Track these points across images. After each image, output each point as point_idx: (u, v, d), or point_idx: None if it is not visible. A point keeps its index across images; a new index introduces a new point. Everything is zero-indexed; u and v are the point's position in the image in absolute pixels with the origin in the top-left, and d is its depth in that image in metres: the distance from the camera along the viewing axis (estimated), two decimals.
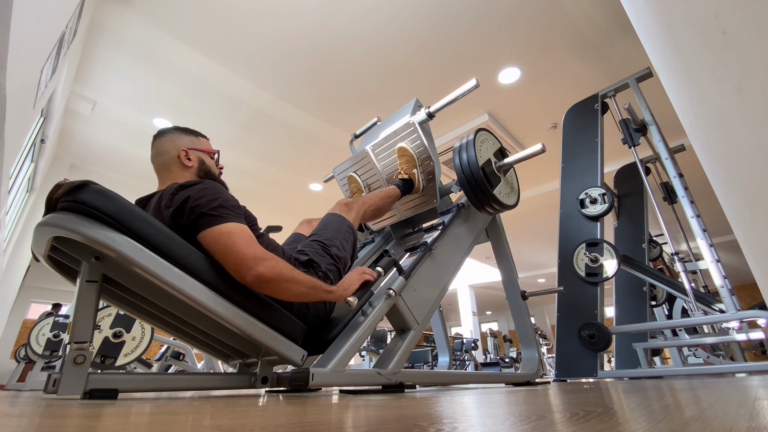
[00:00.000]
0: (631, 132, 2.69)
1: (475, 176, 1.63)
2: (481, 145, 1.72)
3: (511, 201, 1.80)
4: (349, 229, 1.39)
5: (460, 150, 1.69)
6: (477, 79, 1.59)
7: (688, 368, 2.25)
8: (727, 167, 0.77)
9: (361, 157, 1.94)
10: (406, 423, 0.43)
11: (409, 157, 1.76)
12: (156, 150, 1.16)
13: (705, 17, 0.56)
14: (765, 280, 0.98)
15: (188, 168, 1.15)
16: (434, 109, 1.74)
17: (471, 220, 1.86)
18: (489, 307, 13.76)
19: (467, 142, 1.68)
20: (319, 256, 1.23)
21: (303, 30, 2.97)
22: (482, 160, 1.68)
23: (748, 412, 0.50)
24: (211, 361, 3.92)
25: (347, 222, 1.40)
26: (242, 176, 5.00)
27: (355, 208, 1.47)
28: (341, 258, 1.28)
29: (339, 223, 1.39)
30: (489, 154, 1.75)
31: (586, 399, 0.77)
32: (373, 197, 1.56)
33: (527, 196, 5.70)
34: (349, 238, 1.37)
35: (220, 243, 0.93)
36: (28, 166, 3.73)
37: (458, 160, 1.68)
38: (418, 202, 1.86)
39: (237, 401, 0.80)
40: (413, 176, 1.75)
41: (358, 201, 1.51)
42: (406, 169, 1.75)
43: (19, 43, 1.40)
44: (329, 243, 1.28)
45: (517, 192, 1.90)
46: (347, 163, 2.00)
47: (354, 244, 1.39)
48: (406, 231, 2.06)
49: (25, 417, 0.54)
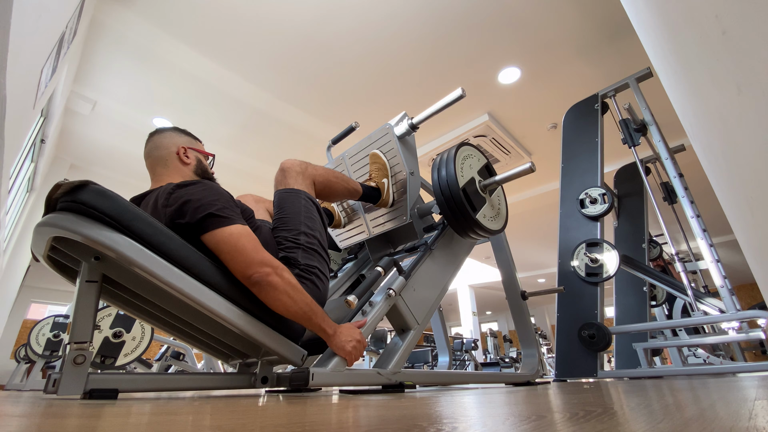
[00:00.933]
0: (631, 132, 2.69)
1: (455, 198, 1.44)
2: (464, 162, 1.54)
3: (496, 226, 1.60)
4: (307, 199, 1.24)
5: (438, 166, 1.49)
6: (462, 89, 1.44)
7: (688, 368, 2.25)
8: (727, 167, 0.77)
9: (337, 164, 1.85)
10: (406, 423, 0.43)
11: (381, 164, 1.61)
12: (154, 144, 1.15)
13: (705, 17, 0.56)
14: (765, 280, 0.98)
15: (186, 165, 1.15)
16: (417, 120, 1.59)
17: (457, 240, 1.68)
18: (489, 307, 13.76)
19: (447, 158, 1.50)
20: (293, 250, 1.13)
21: (303, 30, 2.97)
22: (464, 180, 1.49)
23: (748, 412, 0.50)
24: (211, 361, 3.92)
25: (301, 193, 1.25)
26: (242, 176, 4.99)
27: (300, 172, 1.29)
28: (314, 236, 1.18)
29: (294, 200, 1.23)
30: (473, 172, 1.57)
31: (586, 399, 0.77)
32: (327, 171, 1.39)
33: (527, 196, 5.70)
34: (311, 209, 1.23)
35: (230, 243, 0.94)
36: (28, 166, 3.73)
37: (437, 177, 1.48)
38: (388, 218, 1.65)
39: (237, 401, 0.80)
40: (382, 186, 1.59)
41: (303, 164, 1.32)
42: (375, 177, 1.61)
43: (19, 43, 1.40)
44: (295, 229, 1.16)
45: (505, 215, 1.71)
46: None
47: (319, 212, 1.26)
48: (385, 251, 1.83)
49: (25, 417, 0.54)
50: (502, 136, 4.25)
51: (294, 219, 1.18)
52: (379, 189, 1.60)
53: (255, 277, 0.93)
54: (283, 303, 0.95)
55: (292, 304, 0.96)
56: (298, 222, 1.18)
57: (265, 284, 0.93)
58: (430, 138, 4.41)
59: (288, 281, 0.97)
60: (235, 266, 0.94)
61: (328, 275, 1.21)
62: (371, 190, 1.58)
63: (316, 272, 1.14)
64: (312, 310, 1.00)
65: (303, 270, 1.11)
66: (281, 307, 0.96)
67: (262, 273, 0.93)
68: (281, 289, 0.95)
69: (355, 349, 1.07)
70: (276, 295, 0.95)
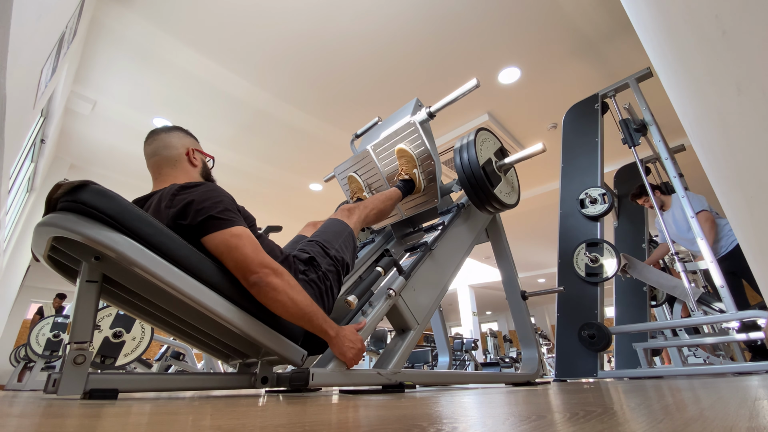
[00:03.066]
0: (631, 132, 2.69)
1: (476, 176, 1.64)
2: (482, 145, 1.73)
3: (511, 200, 1.80)
4: (350, 235, 1.39)
5: (460, 150, 1.69)
6: (477, 79, 1.60)
7: (688, 368, 2.25)
8: (727, 167, 0.77)
9: (362, 156, 1.94)
10: (406, 423, 0.43)
11: (409, 157, 1.76)
12: (162, 143, 1.13)
13: (705, 17, 0.56)
14: (765, 280, 0.98)
15: (195, 167, 1.16)
16: (435, 108, 1.74)
17: (471, 219, 1.86)
18: (489, 307, 13.76)
19: (468, 142, 1.69)
20: (320, 256, 1.23)
21: (303, 29, 2.97)
22: (483, 159, 1.68)
23: (748, 412, 0.50)
24: (211, 361, 3.92)
25: (348, 228, 1.40)
26: (242, 176, 5.00)
27: (356, 213, 1.47)
28: (340, 260, 1.27)
29: (340, 228, 1.38)
30: (489, 153, 1.75)
31: (586, 399, 0.77)
32: (375, 201, 1.56)
33: (527, 196, 5.70)
34: (349, 243, 1.36)
35: (230, 245, 0.94)
36: (28, 166, 3.73)
37: (459, 159, 1.68)
38: (419, 201, 1.87)
39: (237, 401, 0.80)
40: (414, 176, 1.75)
41: (360, 206, 1.50)
42: (406, 170, 1.76)
43: (19, 43, 1.40)
44: (329, 245, 1.28)
45: (518, 191, 1.90)
46: (348, 162, 2.00)
47: (354, 251, 1.38)
48: (406, 230, 2.07)
49: (25, 417, 0.54)
50: (502, 136, 4.25)
51: (332, 238, 1.32)
52: (411, 180, 1.75)
53: (254, 278, 0.93)
54: (282, 304, 0.95)
55: (291, 305, 0.96)
56: (335, 241, 1.31)
57: (264, 285, 0.93)
58: None
59: (287, 282, 0.97)
60: (235, 268, 0.94)
61: (336, 297, 1.26)
62: (406, 184, 1.74)
63: (329, 285, 1.19)
64: (313, 312, 0.99)
65: (320, 277, 1.16)
66: (281, 309, 0.96)
67: (261, 274, 0.93)
68: (280, 290, 0.95)
69: (356, 356, 1.08)
70: (275, 296, 0.94)
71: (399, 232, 2.09)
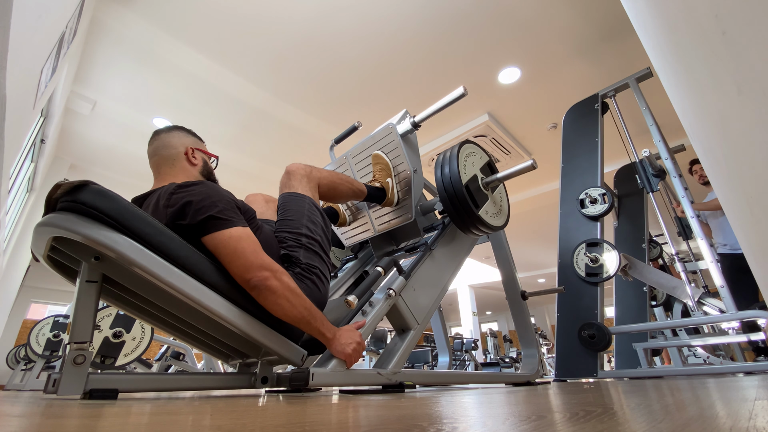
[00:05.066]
0: (649, 177, 2.59)
1: (458, 195, 1.47)
2: (466, 160, 1.56)
3: (498, 222, 1.63)
4: (311, 204, 1.27)
5: (442, 164, 1.52)
6: (464, 87, 1.47)
7: (688, 368, 2.25)
8: (727, 167, 0.77)
9: (339, 163, 1.87)
10: (406, 423, 0.43)
11: (384, 164, 1.64)
12: (161, 143, 1.14)
13: (705, 17, 0.56)
14: (765, 280, 0.98)
15: (194, 166, 1.15)
16: (419, 118, 1.61)
17: (457, 240, 1.70)
18: (489, 307, 13.76)
19: (450, 156, 1.52)
20: (294, 249, 1.15)
21: (303, 29, 2.97)
22: (467, 177, 1.51)
23: (748, 412, 0.50)
24: (211, 361, 3.92)
25: (306, 198, 1.27)
26: (242, 176, 4.99)
27: (304, 175, 1.31)
28: (315, 239, 1.19)
29: (298, 203, 1.25)
30: (475, 169, 1.59)
31: (586, 399, 0.77)
32: (332, 174, 1.43)
33: (527, 196, 5.70)
34: (314, 214, 1.25)
35: (229, 246, 0.93)
36: (28, 166, 3.73)
37: (440, 174, 1.50)
38: (393, 216, 1.69)
39: (237, 401, 0.80)
40: (387, 186, 1.62)
41: (308, 168, 1.35)
42: (379, 178, 1.64)
43: (19, 43, 1.40)
44: (296, 231, 1.18)
45: (506, 212, 1.73)
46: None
47: (323, 217, 1.29)
48: (388, 248, 1.87)
49: (25, 417, 0.54)
50: (502, 136, 4.25)
51: (296, 220, 1.20)
52: (383, 189, 1.63)
53: (254, 281, 0.93)
54: (281, 307, 0.95)
55: (290, 309, 0.96)
56: (300, 224, 1.20)
57: (264, 288, 0.93)
58: (430, 138, 4.42)
59: (287, 285, 0.96)
60: (235, 269, 0.94)
61: (329, 277, 1.22)
62: (376, 191, 1.60)
63: (317, 272, 1.14)
64: (311, 315, 0.99)
65: (304, 269, 1.12)
66: (280, 312, 0.96)
67: (260, 277, 0.93)
68: (280, 294, 0.94)
69: (355, 351, 1.07)
70: (275, 300, 0.94)
71: (379, 251, 1.87)
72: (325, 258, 1.21)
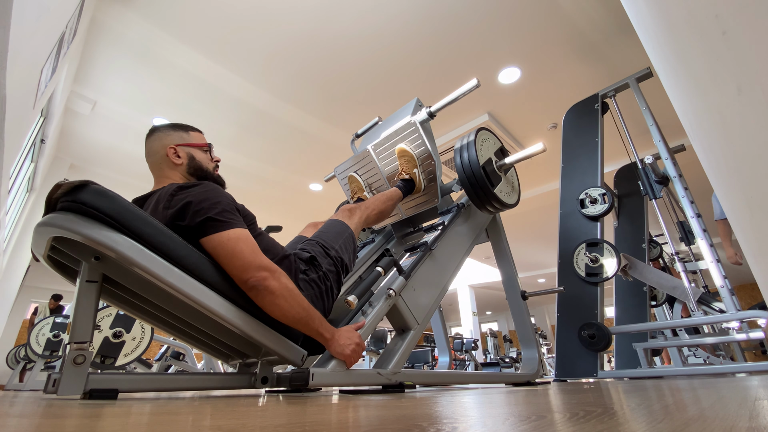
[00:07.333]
0: (652, 183, 2.55)
1: (476, 175, 1.64)
2: (482, 145, 1.73)
3: (511, 200, 1.81)
4: (351, 236, 1.39)
5: (461, 150, 1.70)
6: (477, 79, 1.61)
7: (689, 368, 2.24)
8: (727, 167, 0.77)
9: (363, 156, 1.94)
10: (406, 423, 0.43)
11: (409, 157, 1.77)
12: (147, 150, 1.15)
13: (705, 17, 0.56)
14: (765, 280, 0.98)
15: (178, 166, 1.12)
16: (435, 108, 1.75)
17: (471, 219, 1.86)
18: (489, 307, 13.76)
19: (468, 142, 1.69)
20: (320, 256, 1.23)
21: (303, 29, 2.97)
22: (483, 159, 1.68)
23: (748, 412, 0.50)
24: (211, 361, 3.92)
25: (349, 229, 1.40)
26: (242, 176, 4.99)
27: (357, 214, 1.47)
28: (340, 261, 1.28)
29: (341, 228, 1.39)
30: (490, 153, 1.76)
31: (586, 399, 0.77)
32: (376, 202, 1.57)
33: (527, 196, 5.70)
34: (349, 244, 1.37)
35: (227, 248, 0.94)
36: (28, 166, 3.73)
37: (459, 159, 1.69)
38: (420, 201, 1.88)
39: (237, 401, 0.80)
40: (414, 176, 1.76)
41: (361, 206, 1.51)
42: (406, 170, 1.76)
43: (19, 43, 1.40)
44: (329, 246, 1.29)
45: (518, 191, 1.91)
46: (348, 162, 2.00)
47: (353, 252, 1.39)
48: (407, 230, 2.08)
49: (25, 417, 0.53)
50: (502, 136, 4.25)
51: (333, 239, 1.33)
52: (412, 179, 1.76)
53: (252, 281, 0.93)
54: (280, 307, 0.95)
55: (289, 309, 0.96)
56: (335, 242, 1.32)
57: (262, 289, 0.93)
58: None
59: (285, 285, 0.96)
60: (233, 270, 0.94)
61: (336, 297, 1.26)
62: (406, 184, 1.74)
63: (330, 285, 1.19)
64: (309, 315, 0.99)
65: (320, 277, 1.16)
66: (278, 312, 0.96)
67: (258, 277, 0.93)
68: (278, 294, 0.94)
69: (354, 352, 1.07)
70: (273, 300, 0.94)
71: (399, 232, 2.10)
72: (341, 278, 1.28)
